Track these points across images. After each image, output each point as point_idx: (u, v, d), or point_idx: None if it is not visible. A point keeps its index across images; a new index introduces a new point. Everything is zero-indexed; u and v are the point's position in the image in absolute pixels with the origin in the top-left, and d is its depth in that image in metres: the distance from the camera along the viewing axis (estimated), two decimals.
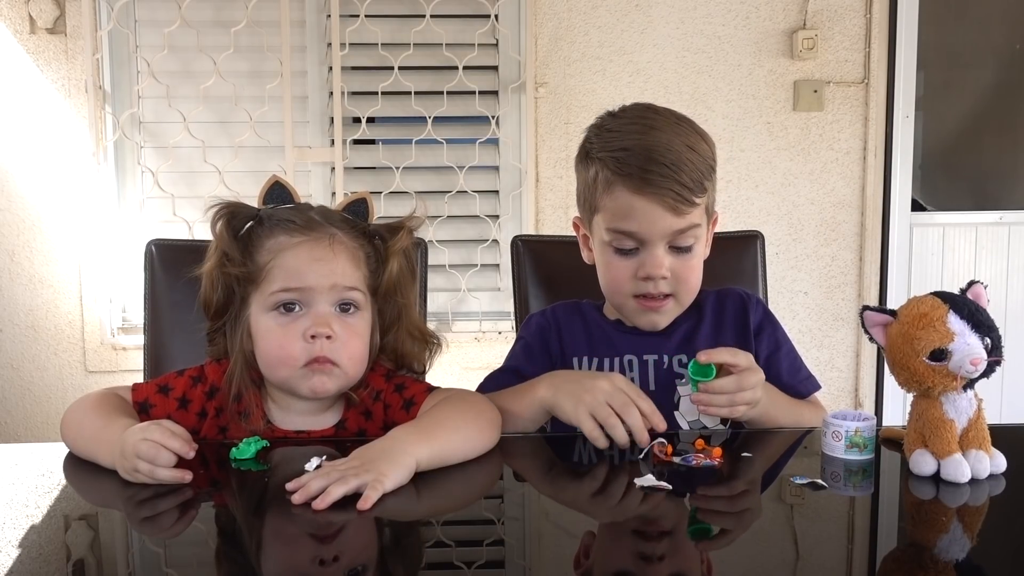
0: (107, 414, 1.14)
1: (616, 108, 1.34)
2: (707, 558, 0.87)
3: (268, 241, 1.18)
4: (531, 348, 1.40)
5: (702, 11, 2.94)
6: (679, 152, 1.24)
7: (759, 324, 1.38)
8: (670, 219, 1.24)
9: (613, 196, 1.26)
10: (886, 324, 1.09)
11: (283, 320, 1.17)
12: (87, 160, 2.79)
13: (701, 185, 1.25)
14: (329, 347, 1.16)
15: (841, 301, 3.08)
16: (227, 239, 1.19)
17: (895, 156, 3.01)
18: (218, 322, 1.23)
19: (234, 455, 1.11)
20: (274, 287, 1.16)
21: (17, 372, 2.89)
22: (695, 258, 1.29)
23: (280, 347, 1.16)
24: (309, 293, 1.16)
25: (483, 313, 2.97)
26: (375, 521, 0.95)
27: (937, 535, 0.95)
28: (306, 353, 1.16)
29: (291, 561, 0.85)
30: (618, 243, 1.27)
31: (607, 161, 1.26)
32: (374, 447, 1.03)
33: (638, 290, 1.28)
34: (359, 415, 1.24)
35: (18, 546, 0.88)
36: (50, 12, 2.75)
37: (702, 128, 1.31)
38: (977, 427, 1.06)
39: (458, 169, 2.90)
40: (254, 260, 1.18)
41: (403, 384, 1.24)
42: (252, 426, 1.19)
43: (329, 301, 1.17)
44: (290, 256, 1.16)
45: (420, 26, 2.83)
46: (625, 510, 0.98)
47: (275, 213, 1.21)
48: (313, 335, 1.15)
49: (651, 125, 1.27)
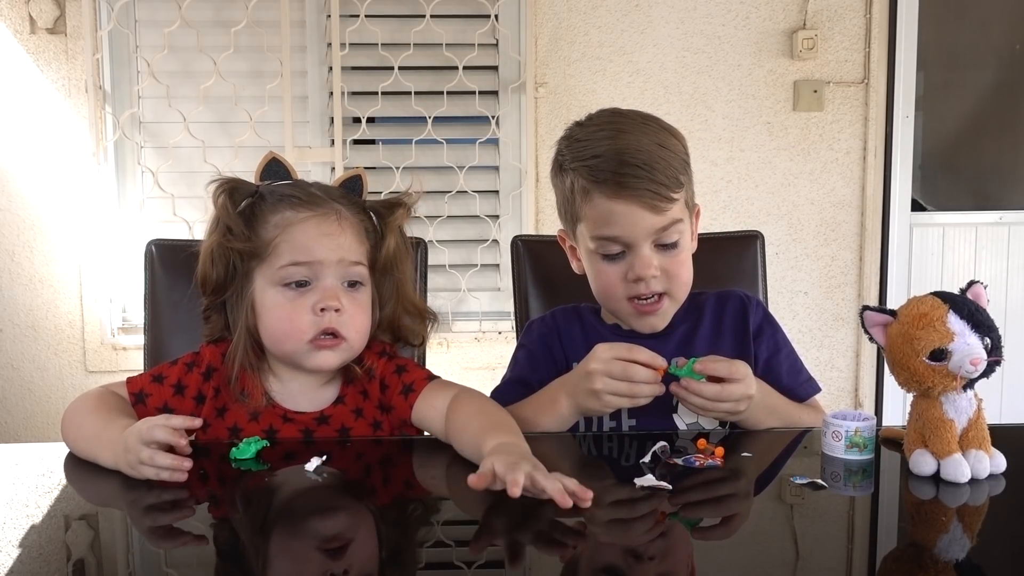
0: (107, 414, 1.15)
1: (583, 118, 1.35)
2: (691, 562, 0.87)
3: (273, 216, 1.19)
4: (535, 355, 1.40)
5: (702, 11, 2.94)
6: (650, 151, 1.24)
7: (758, 327, 1.38)
8: (651, 218, 1.24)
9: (592, 204, 1.26)
10: (886, 324, 1.09)
11: (291, 294, 1.18)
12: (87, 160, 2.79)
13: (676, 180, 1.26)
14: (338, 320, 1.18)
15: (841, 301, 3.08)
16: (230, 213, 1.19)
17: (895, 156, 3.01)
18: (216, 299, 1.23)
19: (234, 455, 1.11)
20: (282, 261, 1.17)
21: (17, 372, 2.89)
22: (683, 252, 1.30)
23: (289, 320, 1.17)
24: (318, 267, 1.17)
25: (483, 313, 2.97)
26: (375, 521, 0.95)
27: (937, 535, 0.95)
28: (315, 326, 1.17)
29: (292, 560, 0.86)
30: (604, 249, 1.28)
31: (580, 170, 1.27)
32: (512, 452, 1.00)
33: (631, 293, 1.28)
34: (357, 393, 1.24)
35: (18, 546, 0.88)
36: (50, 12, 2.75)
37: (670, 124, 1.32)
38: (977, 427, 1.06)
39: (458, 169, 2.90)
40: (258, 235, 1.19)
41: (404, 367, 1.25)
42: (253, 403, 1.20)
43: (336, 276, 1.19)
44: (298, 231, 1.17)
45: (420, 26, 2.83)
46: (625, 510, 0.98)
47: (276, 189, 1.22)
48: (323, 308, 1.17)
49: (619, 128, 1.28)
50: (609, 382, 1.18)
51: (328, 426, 1.23)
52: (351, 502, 1.04)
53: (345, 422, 1.23)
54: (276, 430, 1.21)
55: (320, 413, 1.23)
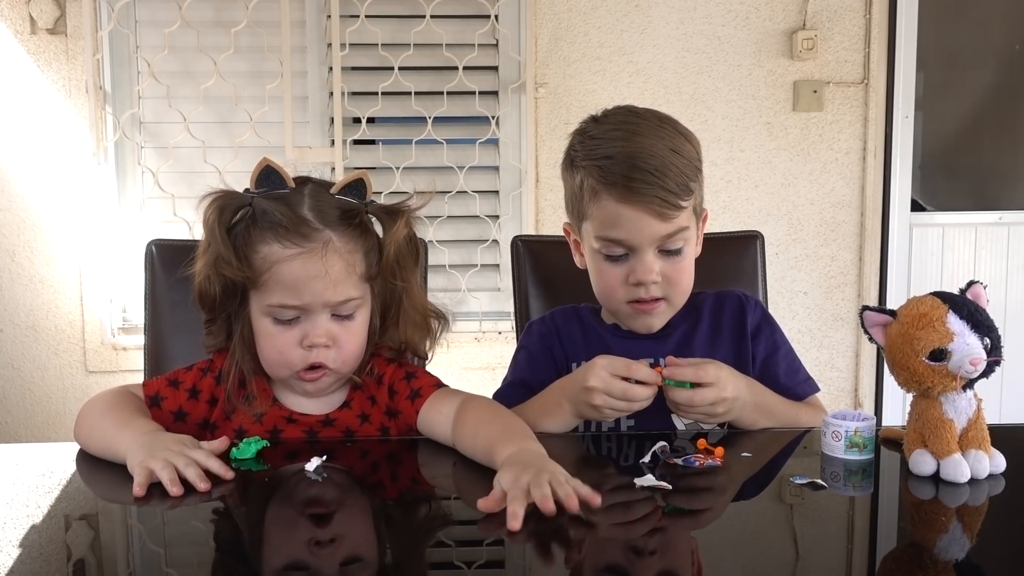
0: (127, 412, 1.16)
1: (599, 112, 1.33)
2: (698, 560, 0.87)
3: (262, 246, 1.16)
4: (535, 357, 1.40)
5: (702, 11, 2.94)
6: (662, 157, 1.23)
7: (756, 326, 1.38)
8: (657, 225, 1.24)
9: (599, 205, 1.26)
10: (886, 324, 1.09)
11: (281, 327, 1.17)
12: (87, 160, 2.79)
13: (687, 188, 1.25)
14: (325, 354, 1.17)
15: (841, 301, 3.08)
16: (220, 240, 1.16)
17: (895, 156, 3.01)
18: (216, 314, 1.22)
19: (234, 455, 1.12)
20: (271, 300, 1.16)
21: (18, 372, 2.89)
22: (685, 260, 1.29)
23: (279, 352, 1.18)
24: (305, 308, 1.16)
25: (483, 313, 2.97)
26: (375, 521, 0.95)
27: (936, 535, 0.95)
28: (303, 359, 1.17)
29: (292, 560, 0.86)
30: (607, 250, 1.28)
31: (591, 170, 1.26)
32: (522, 460, 0.99)
33: (631, 295, 1.28)
34: (365, 399, 1.25)
35: (19, 546, 0.88)
36: (51, 13, 2.75)
37: (685, 127, 1.31)
38: (976, 427, 1.06)
39: (458, 169, 2.90)
40: (249, 262, 1.16)
41: (413, 373, 1.25)
42: (259, 408, 1.21)
43: (326, 311, 1.17)
44: (285, 270, 1.15)
45: (420, 26, 2.83)
46: (625, 510, 0.98)
47: (268, 209, 1.16)
48: (311, 345, 1.16)
49: (633, 130, 1.26)
50: (608, 400, 1.20)
51: (333, 428, 1.23)
52: (351, 501, 1.04)
53: (350, 425, 1.23)
54: (280, 431, 1.21)
55: (326, 416, 1.23)
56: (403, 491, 1.12)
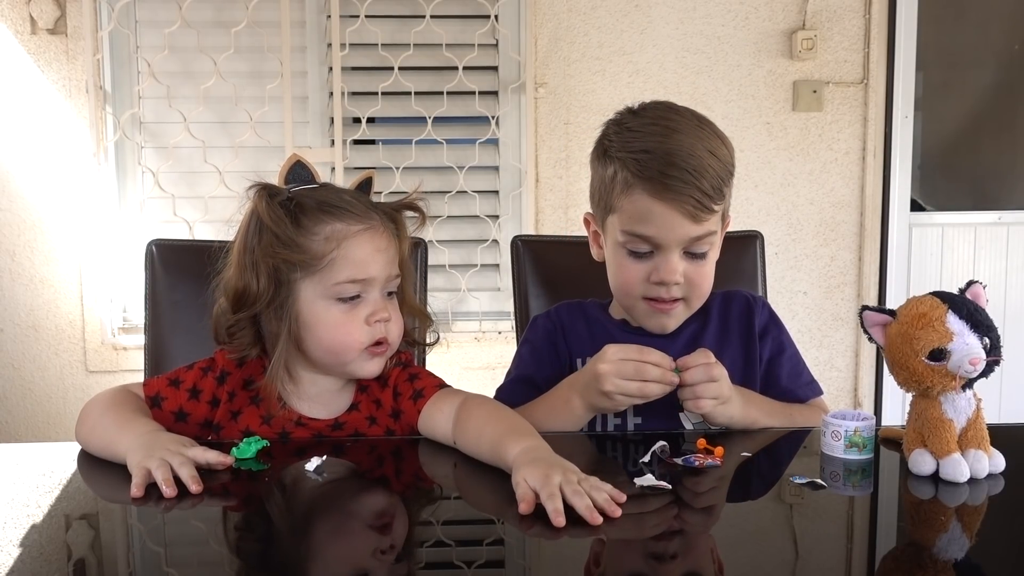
0: (128, 412, 1.16)
1: (636, 105, 1.31)
2: (718, 558, 0.87)
3: (320, 227, 1.17)
4: (539, 352, 1.39)
5: (702, 11, 2.94)
6: (701, 158, 1.22)
7: (764, 327, 1.38)
8: (688, 226, 1.22)
9: (631, 199, 1.23)
10: (885, 324, 1.09)
11: (345, 307, 1.18)
12: (88, 160, 2.79)
13: (720, 192, 1.24)
14: (386, 329, 1.20)
15: (840, 301, 3.08)
16: (281, 221, 1.16)
17: (894, 156, 3.02)
18: (252, 312, 1.19)
19: (234, 455, 1.12)
20: (340, 278, 1.17)
21: (18, 372, 2.89)
22: (708, 264, 1.28)
23: (347, 334, 1.18)
24: (371, 283, 1.19)
25: (483, 313, 2.97)
26: (375, 519, 0.95)
27: (936, 534, 0.95)
28: (369, 337, 1.19)
29: (291, 559, 0.86)
30: (633, 246, 1.26)
31: (627, 162, 1.24)
32: (539, 458, 1.00)
33: (649, 293, 1.27)
34: (371, 401, 1.25)
35: (19, 545, 0.88)
36: (51, 13, 2.75)
37: (721, 131, 1.29)
38: (976, 427, 1.06)
39: (458, 169, 2.90)
40: (304, 245, 1.17)
41: (417, 375, 1.26)
42: (270, 410, 1.21)
43: (383, 287, 1.20)
44: (354, 246, 1.17)
45: (420, 26, 2.83)
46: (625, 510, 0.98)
47: (312, 195, 1.20)
48: (378, 320, 1.19)
49: (673, 127, 1.25)
50: (620, 383, 1.18)
51: (342, 432, 1.23)
52: (351, 501, 1.04)
53: (359, 429, 1.24)
54: (289, 434, 1.21)
55: (335, 420, 1.23)
56: (405, 490, 1.12)
